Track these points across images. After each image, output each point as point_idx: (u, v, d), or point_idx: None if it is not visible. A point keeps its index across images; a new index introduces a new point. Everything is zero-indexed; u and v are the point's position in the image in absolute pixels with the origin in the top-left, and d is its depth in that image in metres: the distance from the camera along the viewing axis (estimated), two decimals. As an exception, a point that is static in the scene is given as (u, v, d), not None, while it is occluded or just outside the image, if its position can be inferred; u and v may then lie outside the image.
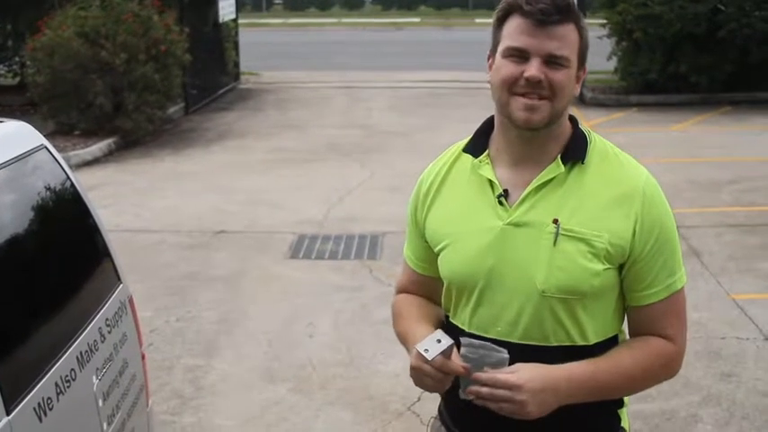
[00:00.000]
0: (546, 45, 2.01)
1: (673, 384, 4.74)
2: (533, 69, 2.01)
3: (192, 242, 7.86)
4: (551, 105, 2.04)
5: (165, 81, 12.59)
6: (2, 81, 15.78)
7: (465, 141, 2.24)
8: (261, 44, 23.21)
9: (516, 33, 2.03)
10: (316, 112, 14.60)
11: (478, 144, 2.19)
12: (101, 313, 3.03)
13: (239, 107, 15.39)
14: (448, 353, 2.01)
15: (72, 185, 3.15)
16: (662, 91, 14.56)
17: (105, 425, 2.88)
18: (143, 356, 3.43)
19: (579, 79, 2.10)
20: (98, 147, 11.46)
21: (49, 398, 2.51)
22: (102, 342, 2.96)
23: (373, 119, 13.92)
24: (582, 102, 14.61)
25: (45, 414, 2.47)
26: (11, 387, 2.35)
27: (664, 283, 2.10)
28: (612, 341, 2.16)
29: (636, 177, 2.10)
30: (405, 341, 2.28)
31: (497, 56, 2.08)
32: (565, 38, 2.02)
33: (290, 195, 9.36)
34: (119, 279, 3.30)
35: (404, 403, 4.92)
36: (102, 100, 11.74)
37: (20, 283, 2.65)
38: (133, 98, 11.96)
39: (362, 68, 19.49)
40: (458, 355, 2.04)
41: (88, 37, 11.77)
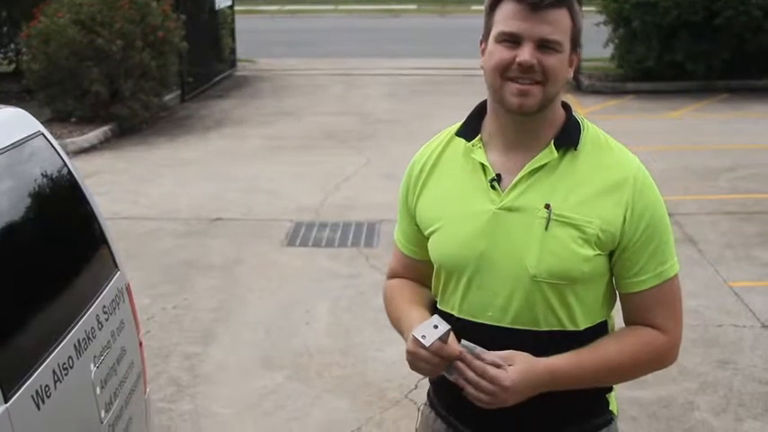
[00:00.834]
0: (538, 29, 2.00)
1: (669, 371, 4.74)
2: (526, 54, 2.00)
3: (189, 230, 7.86)
4: (544, 90, 2.03)
5: (162, 68, 12.54)
6: (-2, 68, 15.75)
7: (458, 125, 2.23)
8: (257, 31, 23.13)
9: (509, 18, 2.02)
10: (312, 100, 14.57)
11: (471, 128, 2.19)
12: (98, 301, 3.02)
13: (236, 94, 15.35)
14: (444, 338, 2.00)
15: (69, 172, 3.14)
16: (659, 78, 14.54)
17: (103, 412, 2.87)
18: (141, 344, 3.43)
19: (573, 63, 2.10)
20: (94, 134, 11.43)
21: (47, 385, 2.51)
22: (99, 330, 2.95)
23: (370, 106, 13.90)
24: (579, 89, 14.60)
25: (43, 401, 2.46)
26: (8, 375, 2.35)
27: (654, 271, 2.10)
28: (602, 327, 2.16)
29: (627, 165, 2.11)
30: (398, 326, 2.28)
31: (490, 41, 2.07)
32: (557, 22, 2.01)
33: (287, 183, 9.35)
34: (116, 266, 3.30)
35: (401, 391, 4.93)
36: (98, 87, 11.70)
37: (17, 271, 2.64)
38: (129, 85, 11.93)
39: (359, 56, 19.45)
40: (455, 340, 2.04)
41: (84, 24, 11.72)
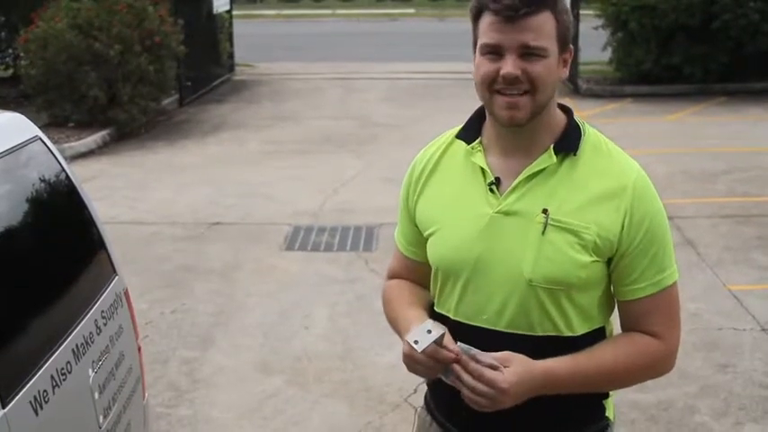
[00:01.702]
0: (519, 38, 1.97)
1: (669, 375, 4.67)
2: (509, 66, 1.98)
3: (187, 234, 7.85)
4: (533, 99, 2.01)
5: (160, 73, 12.54)
6: (-5, 73, 15.74)
7: (459, 128, 2.23)
8: (255, 35, 23.15)
9: (489, 30, 2.00)
10: (310, 104, 14.57)
11: (471, 131, 2.18)
12: (96, 305, 3.01)
13: (234, 99, 15.35)
14: (439, 341, 1.99)
15: (67, 177, 3.13)
16: (657, 82, 14.56)
17: (101, 418, 2.86)
18: (139, 349, 3.42)
19: (566, 62, 2.07)
20: (92, 139, 11.43)
21: (45, 391, 2.50)
22: (97, 334, 2.94)
23: (368, 110, 13.89)
24: (577, 92, 14.61)
25: (41, 407, 2.45)
26: (6, 380, 2.34)
27: (652, 279, 2.09)
28: (599, 333, 2.15)
29: (627, 172, 2.09)
30: (396, 326, 2.28)
31: (477, 53, 2.05)
32: (539, 28, 1.97)
33: (286, 187, 9.34)
34: (114, 271, 3.29)
35: (400, 395, 4.92)
36: (95, 92, 11.69)
37: (14, 276, 2.63)
38: (127, 90, 11.92)
39: (357, 60, 19.45)
40: (451, 341, 2.01)
41: (81, 29, 11.72)
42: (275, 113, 13.79)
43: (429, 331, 1.98)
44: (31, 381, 2.45)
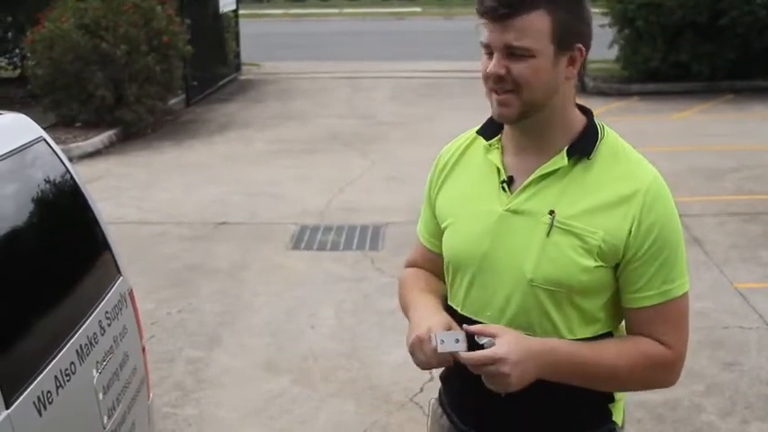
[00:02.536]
0: (504, 38, 1.98)
1: (675, 374, 4.72)
2: (492, 65, 2.01)
3: (194, 234, 7.86)
4: (520, 98, 2.01)
5: (166, 72, 12.56)
6: (2, 73, 15.76)
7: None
8: (261, 35, 23.16)
9: (485, 29, 2.02)
10: (317, 103, 14.57)
11: (492, 128, 2.20)
12: (100, 306, 3.01)
13: (240, 98, 15.36)
14: (456, 355, 2.00)
15: (71, 178, 3.13)
16: (664, 79, 14.51)
17: (106, 418, 2.87)
18: (144, 349, 3.42)
19: (574, 61, 2.04)
20: (99, 139, 11.45)
21: (49, 391, 2.50)
22: (102, 335, 2.95)
23: (374, 109, 13.89)
24: (583, 90, 14.56)
25: (45, 408, 2.46)
26: (10, 380, 2.34)
27: (658, 289, 2.05)
28: (605, 338, 2.13)
29: (642, 178, 2.06)
30: (406, 309, 2.30)
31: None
32: (524, 28, 1.96)
33: (292, 186, 9.34)
34: (119, 272, 3.29)
35: (406, 394, 4.92)
36: (102, 92, 11.70)
37: (18, 277, 2.64)
38: (134, 90, 11.94)
39: (363, 59, 19.44)
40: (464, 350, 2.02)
41: (88, 28, 11.73)
42: (282, 113, 13.79)
43: (457, 341, 2.00)
44: (35, 381, 2.45)
